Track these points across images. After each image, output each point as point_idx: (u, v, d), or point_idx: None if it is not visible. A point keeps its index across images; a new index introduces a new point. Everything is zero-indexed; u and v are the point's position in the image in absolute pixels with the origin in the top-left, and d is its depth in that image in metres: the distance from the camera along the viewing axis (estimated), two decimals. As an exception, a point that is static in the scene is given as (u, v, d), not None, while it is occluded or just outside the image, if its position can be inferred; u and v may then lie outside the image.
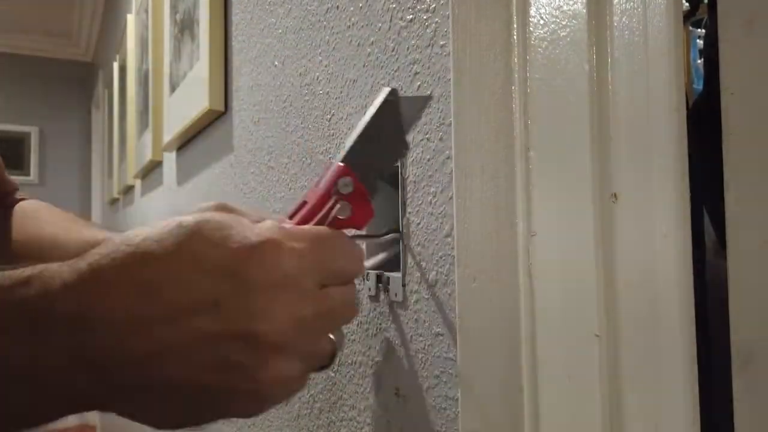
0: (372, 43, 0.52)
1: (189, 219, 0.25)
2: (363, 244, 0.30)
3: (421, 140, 0.45)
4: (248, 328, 0.23)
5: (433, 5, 0.44)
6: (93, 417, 3.74)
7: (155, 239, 0.24)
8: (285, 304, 0.24)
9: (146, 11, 1.71)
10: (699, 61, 0.74)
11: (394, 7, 0.49)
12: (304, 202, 0.32)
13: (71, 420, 3.80)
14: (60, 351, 0.22)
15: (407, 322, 0.47)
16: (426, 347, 0.45)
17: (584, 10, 0.33)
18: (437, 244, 0.44)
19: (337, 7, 0.59)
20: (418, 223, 0.46)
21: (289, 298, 0.25)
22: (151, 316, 0.23)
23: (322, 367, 0.30)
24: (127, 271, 0.23)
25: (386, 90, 0.33)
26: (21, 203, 0.58)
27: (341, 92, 0.58)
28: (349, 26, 0.56)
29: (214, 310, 0.23)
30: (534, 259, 0.36)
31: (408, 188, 0.47)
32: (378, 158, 0.33)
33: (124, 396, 0.24)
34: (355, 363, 0.55)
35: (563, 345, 0.34)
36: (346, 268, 0.28)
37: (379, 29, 0.51)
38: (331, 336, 0.29)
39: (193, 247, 0.24)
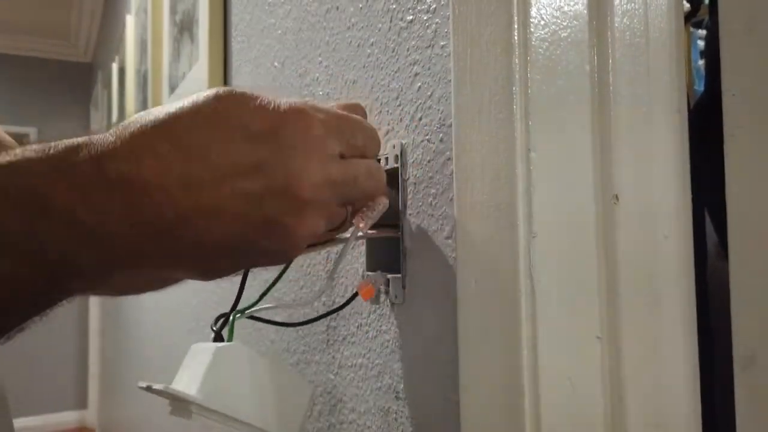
0: (372, 43, 0.52)
1: (220, 90, 0.26)
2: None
3: (422, 141, 0.45)
4: (289, 186, 0.26)
5: (434, 6, 0.44)
6: (92, 418, 3.74)
7: (192, 108, 0.25)
8: (318, 164, 0.27)
9: (145, 12, 1.71)
10: (700, 62, 0.74)
11: (394, 8, 0.49)
12: None
13: (71, 421, 3.80)
14: (119, 215, 0.23)
15: (407, 324, 0.47)
16: (426, 349, 0.45)
17: (585, 11, 0.33)
18: (437, 246, 0.44)
19: (337, 8, 0.59)
20: (419, 225, 0.46)
21: (321, 159, 0.27)
22: (200, 178, 0.24)
23: (333, 229, 0.32)
24: (173, 136, 0.24)
25: None
26: None
27: (341, 93, 0.58)
28: (348, 27, 0.56)
29: (255, 172, 0.25)
30: (535, 261, 0.36)
31: (408, 190, 0.47)
32: None
33: (176, 255, 0.26)
34: (355, 365, 0.55)
35: (564, 347, 0.34)
36: (365, 143, 0.31)
37: (379, 30, 0.51)
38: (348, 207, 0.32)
39: (231, 113, 0.25)
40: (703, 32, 0.72)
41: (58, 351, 3.73)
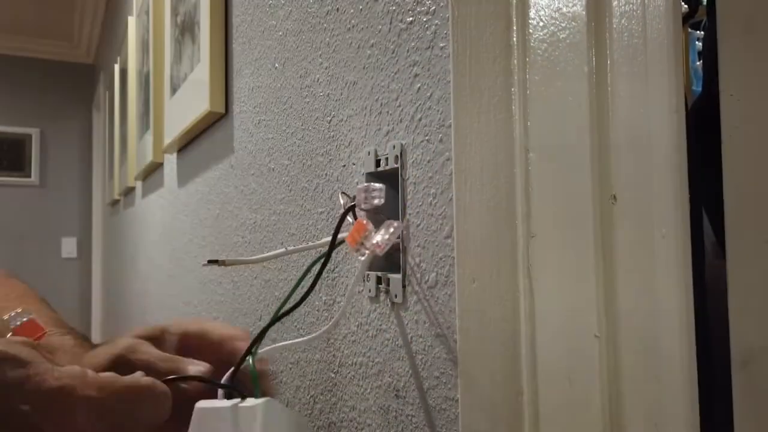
0: (372, 45, 0.53)
1: None
2: None
3: (421, 142, 0.46)
4: None
5: (433, 7, 0.44)
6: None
7: None
8: None
9: (147, 13, 1.71)
10: (698, 63, 0.74)
11: (394, 10, 0.49)
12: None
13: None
14: None
15: (407, 323, 0.47)
16: (426, 348, 0.45)
17: (583, 12, 0.33)
18: (437, 246, 0.44)
19: (338, 9, 0.59)
20: (418, 225, 0.46)
21: None
22: None
23: None
24: None
25: None
26: None
27: (341, 94, 0.58)
28: (349, 28, 0.57)
29: None
30: (533, 261, 0.36)
31: (408, 190, 0.47)
32: None
33: None
34: (356, 364, 0.55)
35: (563, 346, 0.34)
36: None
37: (379, 31, 0.51)
38: None
39: None
40: (701, 33, 0.72)
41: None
